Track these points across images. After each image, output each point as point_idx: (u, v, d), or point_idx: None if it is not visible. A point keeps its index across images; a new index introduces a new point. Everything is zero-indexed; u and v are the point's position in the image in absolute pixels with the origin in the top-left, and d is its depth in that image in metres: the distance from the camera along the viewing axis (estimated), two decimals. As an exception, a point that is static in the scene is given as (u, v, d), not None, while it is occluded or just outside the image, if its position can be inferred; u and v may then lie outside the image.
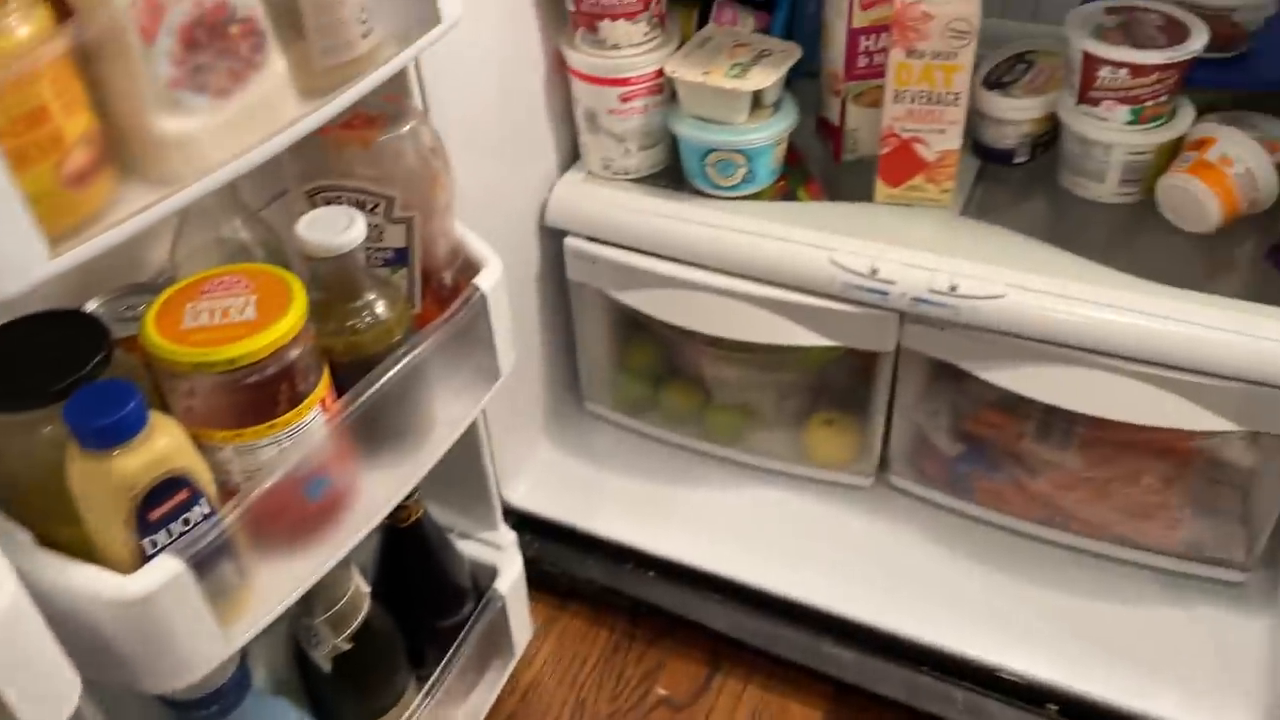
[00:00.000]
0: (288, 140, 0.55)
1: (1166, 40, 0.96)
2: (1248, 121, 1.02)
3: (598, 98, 1.07)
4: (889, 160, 1.04)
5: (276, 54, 0.53)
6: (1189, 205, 0.97)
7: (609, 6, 1.00)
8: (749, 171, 1.06)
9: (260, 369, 0.59)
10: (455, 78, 0.91)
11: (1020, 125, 1.06)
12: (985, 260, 0.97)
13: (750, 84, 1.01)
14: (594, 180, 1.13)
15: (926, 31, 0.95)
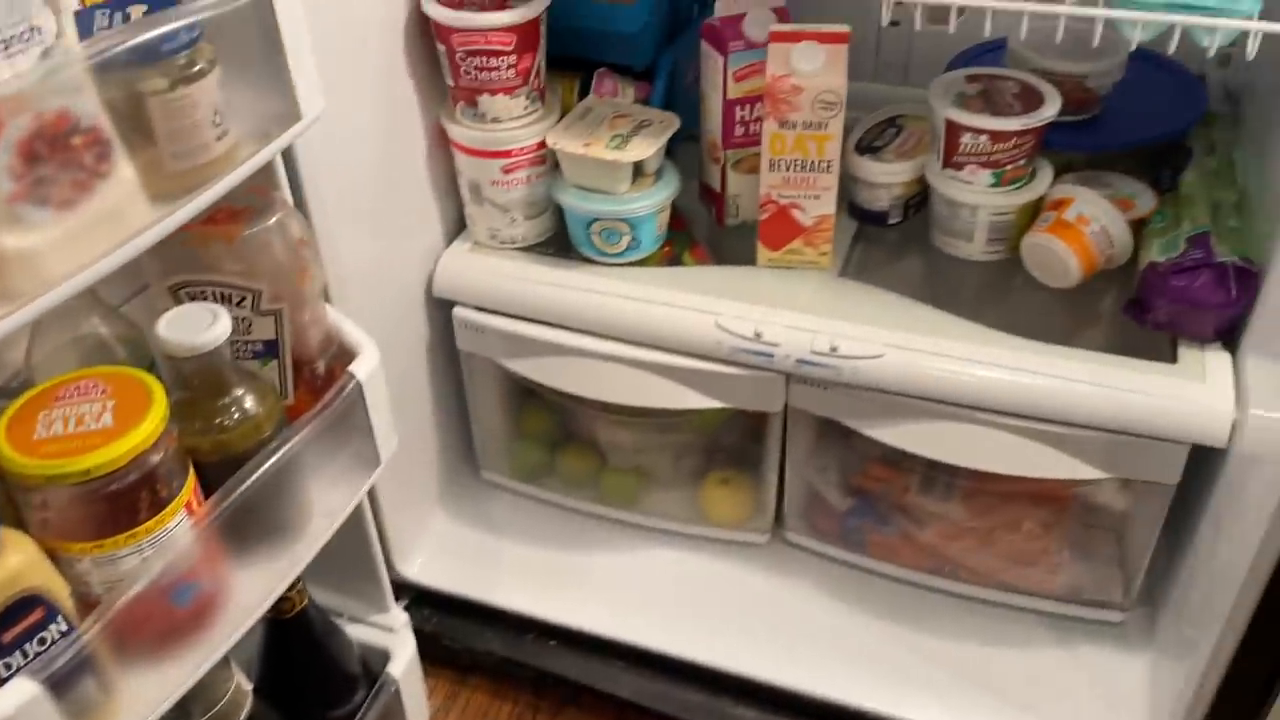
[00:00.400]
0: (139, 248, 0.54)
1: (1023, 107, 1.01)
2: (1102, 180, 1.07)
3: (480, 170, 1.07)
4: (768, 225, 1.07)
5: (124, 161, 0.52)
6: (1051, 262, 1.01)
7: (487, 82, 1.01)
8: (634, 239, 1.07)
9: (119, 478, 0.57)
10: (332, 155, 0.90)
11: (892, 188, 1.10)
12: (864, 321, 1.00)
13: (631, 155, 1.03)
14: (481, 250, 1.13)
15: (797, 104, 0.99)
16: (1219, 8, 0.80)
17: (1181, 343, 0.96)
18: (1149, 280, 0.95)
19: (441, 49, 1.01)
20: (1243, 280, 0.91)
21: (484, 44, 0.99)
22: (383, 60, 1.00)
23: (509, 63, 1.00)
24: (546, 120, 1.07)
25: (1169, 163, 1.09)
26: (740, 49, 1.03)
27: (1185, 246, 0.94)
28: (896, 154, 1.10)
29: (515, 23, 0.98)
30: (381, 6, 0.98)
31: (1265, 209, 0.98)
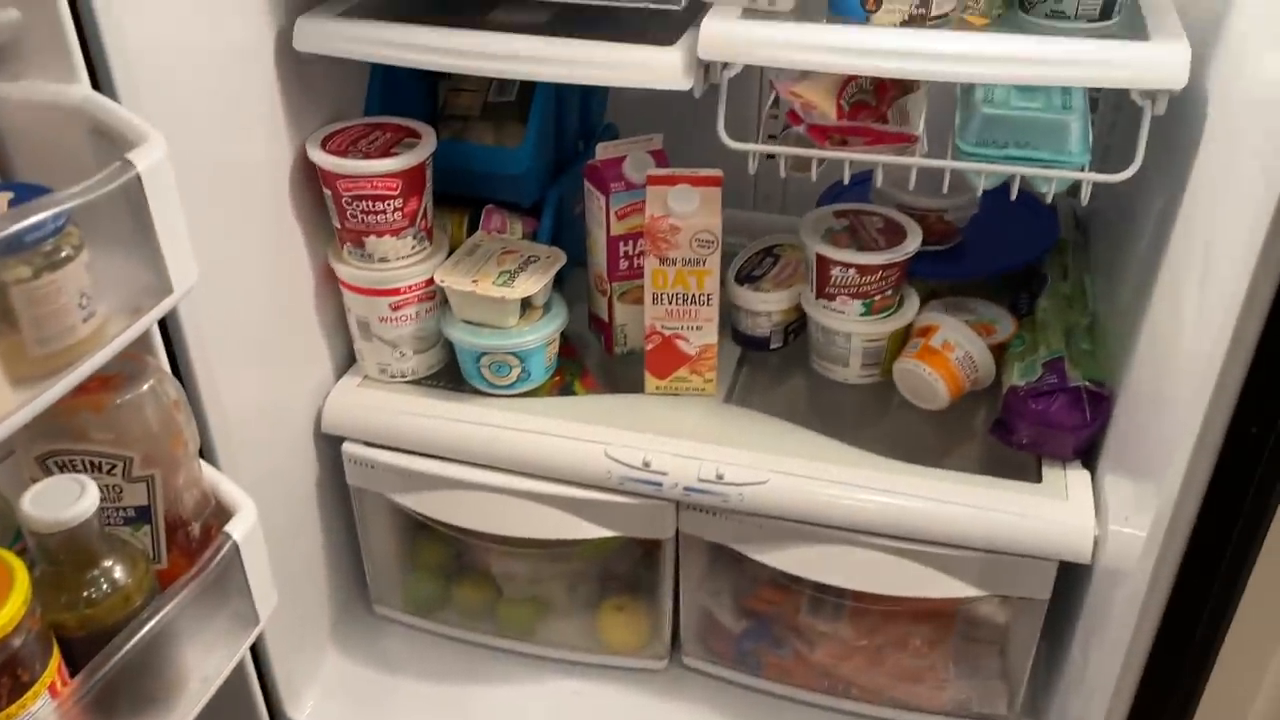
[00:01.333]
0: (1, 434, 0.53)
1: (887, 242, 1.07)
2: (965, 306, 1.14)
3: (369, 307, 1.08)
4: (655, 355, 1.10)
5: (-15, 347, 0.52)
6: (921, 387, 1.06)
7: (374, 224, 1.03)
8: (523, 371, 1.09)
9: (-24, 664, 0.56)
10: (216, 298, 0.90)
11: (772, 315, 1.15)
12: (749, 447, 1.03)
13: (518, 291, 1.05)
14: (370, 385, 1.13)
15: (676, 242, 1.03)
16: (1053, 159, 0.87)
17: (1045, 462, 1.01)
18: (1010, 403, 1.01)
19: (328, 193, 1.03)
20: (1095, 403, 0.97)
21: (370, 189, 1.01)
22: (270, 204, 1.01)
23: (395, 206, 1.02)
24: (435, 257, 1.09)
25: (1026, 288, 1.16)
26: (621, 189, 1.08)
27: (1042, 371, 1.00)
28: (774, 283, 1.15)
29: (401, 169, 1.01)
30: (267, 153, 0.99)
31: (1113, 332, 1.05)
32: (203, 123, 0.89)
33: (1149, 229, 0.95)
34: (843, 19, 0.86)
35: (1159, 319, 0.88)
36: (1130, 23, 0.84)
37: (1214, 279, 0.73)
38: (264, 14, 0.95)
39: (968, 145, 0.88)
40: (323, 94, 1.05)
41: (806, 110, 0.93)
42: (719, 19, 0.88)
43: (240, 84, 0.94)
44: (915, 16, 0.84)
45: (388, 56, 0.95)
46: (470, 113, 1.18)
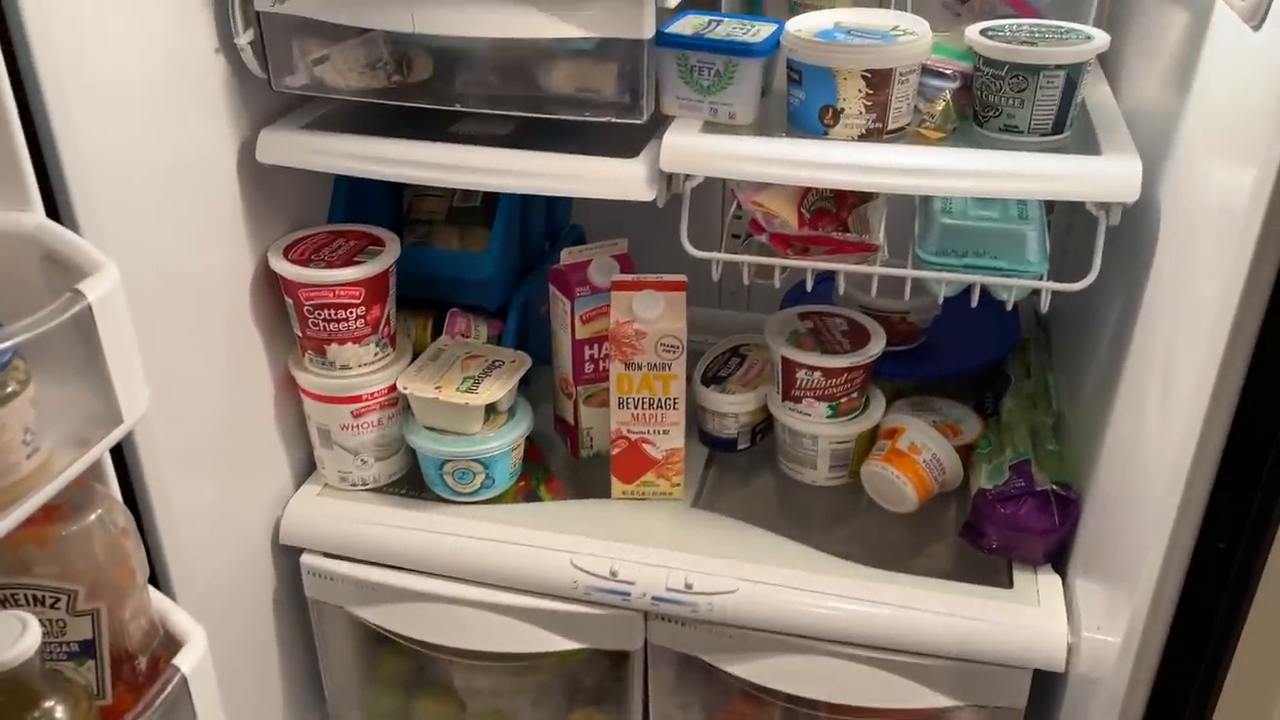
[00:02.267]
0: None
1: (851, 344, 1.08)
2: (931, 406, 1.14)
3: (330, 415, 1.07)
4: (621, 460, 1.09)
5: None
6: (889, 490, 1.06)
7: (336, 332, 1.02)
8: (487, 477, 1.08)
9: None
10: (172, 409, 0.89)
11: (739, 416, 1.14)
12: (717, 554, 1.02)
13: (482, 398, 1.04)
14: (331, 493, 1.11)
15: (641, 347, 1.02)
16: (1012, 269, 0.88)
17: (1015, 566, 1.00)
18: (979, 507, 1.00)
19: (289, 302, 1.02)
20: (1063, 506, 0.97)
21: (332, 298, 1.00)
22: (230, 313, 1.00)
23: (358, 314, 1.02)
24: (397, 364, 1.08)
25: (990, 387, 1.17)
26: (586, 294, 1.08)
27: (1009, 474, 1.00)
28: (741, 384, 1.15)
29: (363, 277, 1.00)
30: (228, 262, 0.99)
31: (1078, 431, 1.05)
32: (163, 235, 0.88)
33: (1109, 331, 0.96)
34: (801, 133, 0.88)
35: (1122, 424, 0.88)
36: (1082, 136, 0.86)
37: (1175, 390, 0.73)
38: (227, 126, 0.95)
39: (928, 254, 0.89)
40: (286, 202, 1.05)
41: (768, 219, 0.94)
42: (681, 132, 0.89)
43: (202, 195, 0.94)
44: (872, 130, 0.86)
45: (352, 169, 0.96)
46: (435, 218, 1.18)
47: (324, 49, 0.93)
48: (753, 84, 0.89)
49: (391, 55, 0.93)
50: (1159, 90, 0.87)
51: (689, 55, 0.89)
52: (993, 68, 0.83)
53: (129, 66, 0.83)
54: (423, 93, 0.94)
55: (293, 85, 0.96)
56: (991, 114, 0.85)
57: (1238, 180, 0.64)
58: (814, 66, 0.84)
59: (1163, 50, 0.87)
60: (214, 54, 0.93)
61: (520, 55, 0.91)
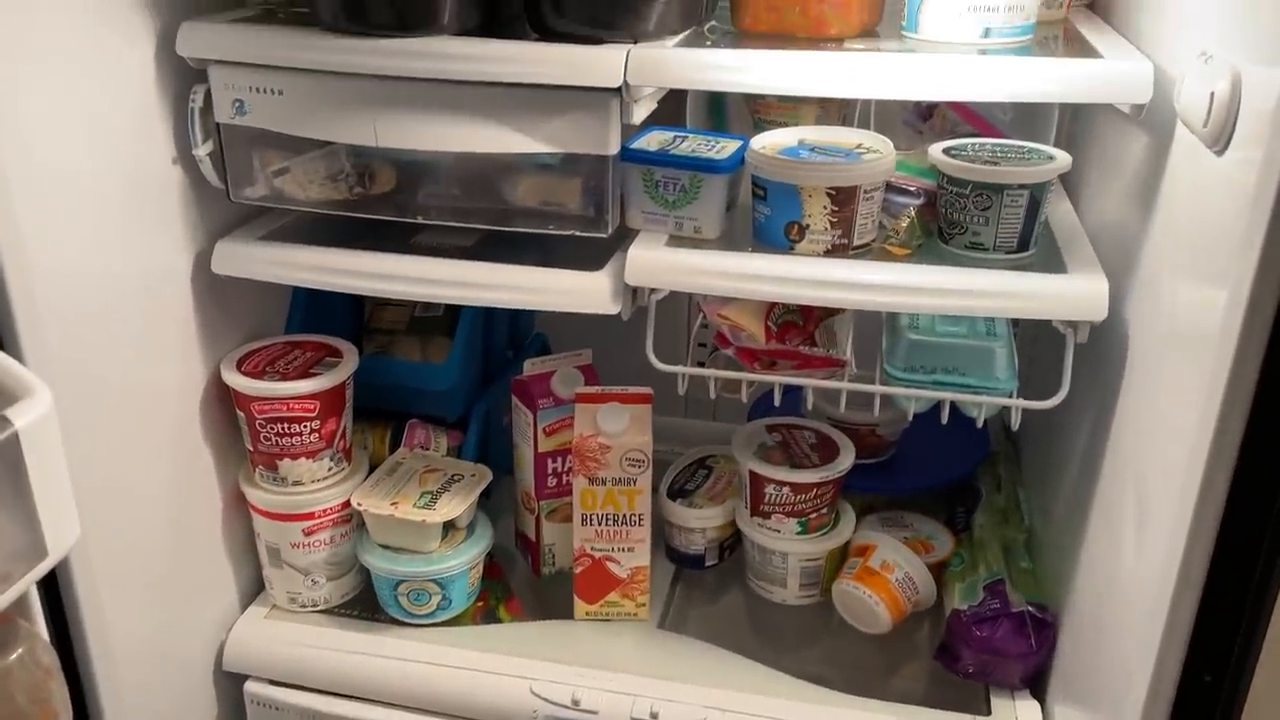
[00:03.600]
0: None
1: (820, 458, 1.06)
2: (902, 521, 1.11)
3: (280, 533, 1.02)
4: (584, 579, 1.05)
5: None
6: (862, 610, 1.02)
7: (289, 447, 0.98)
8: (444, 598, 1.03)
9: None
10: (111, 525, 0.85)
11: (707, 531, 1.11)
12: (685, 679, 0.97)
13: (440, 515, 1.00)
14: (279, 615, 1.06)
15: (605, 461, 1.00)
16: (981, 385, 0.87)
17: (992, 690, 0.96)
18: (954, 629, 0.97)
19: (241, 415, 0.99)
20: (1040, 628, 0.94)
21: (286, 411, 0.97)
22: (179, 427, 0.96)
23: (312, 427, 0.98)
24: (353, 478, 1.04)
25: (961, 501, 1.15)
26: (549, 406, 1.05)
27: (984, 594, 0.97)
28: (708, 497, 1.12)
29: (319, 390, 0.97)
30: (179, 374, 0.95)
31: (1051, 548, 1.03)
32: (112, 347, 0.86)
33: (1079, 448, 0.94)
34: (767, 248, 0.87)
35: (1096, 547, 0.86)
36: (1047, 253, 0.86)
37: (1152, 516, 0.71)
38: (182, 237, 0.94)
39: (896, 370, 0.88)
40: (241, 313, 1.02)
41: (735, 333, 0.92)
42: (646, 246, 0.88)
43: (154, 307, 0.91)
44: (838, 246, 0.85)
45: (310, 281, 0.94)
46: (396, 327, 1.16)
47: (285, 161, 0.92)
48: (718, 199, 0.89)
49: (354, 167, 0.92)
50: (1121, 209, 0.87)
51: (654, 170, 0.88)
52: (957, 186, 0.84)
53: (83, 176, 0.81)
54: (385, 205, 0.93)
55: (252, 196, 0.94)
56: (957, 231, 0.85)
57: (1208, 301, 0.63)
58: (779, 183, 0.84)
59: (1124, 170, 0.87)
60: (171, 165, 0.91)
61: (484, 168, 0.90)
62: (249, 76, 0.88)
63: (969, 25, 0.85)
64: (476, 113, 0.85)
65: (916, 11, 0.86)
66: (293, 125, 0.88)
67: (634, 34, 0.83)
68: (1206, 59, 0.65)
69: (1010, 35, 0.85)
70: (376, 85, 0.85)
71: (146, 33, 0.86)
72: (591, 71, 0.81)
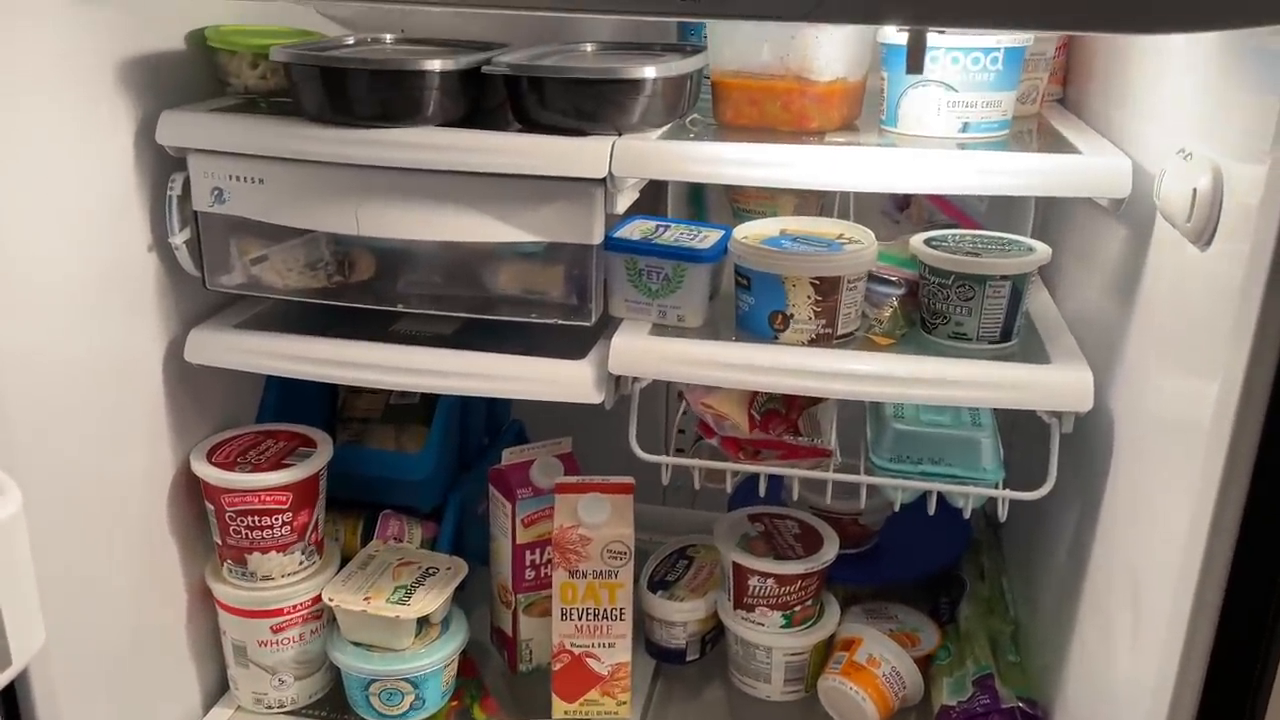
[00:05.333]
0: None
1: (804, 549, 1.04)
2: (886, 613, 1.09)
3: (247, 630, 0.98)
4: (563, 676, 1.01)
5: None
6: (848, 707, 1.00)
7: (259, 540, 0.95)
8: (417, 698, 0.99)
9: None
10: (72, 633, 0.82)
11: (688, 625, 1.08)
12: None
13: (414, 610, 0.97)
14: (244, 717, 1.01)
15: (586, 553, 0.97)
16: (967, 475, 0.86)
17: (987, 793, 0.94)
18: (944, 726, 0.95)
19: (210, 507, 0.96)
20: (1031, 725, 0.92)
21: (257, 503, 0.94)
22: (144, 519, 0.93)
23: (284, 520, 0.95)
24: (324, 572, 1.01)
25: (945, 591, 1.13)
26: (528, 496, 1.03)
27: (973, 690, 0.95)
28: (689, 589, 1.10)
29: (291, 481, 0.95)
30: (147, 465, 0.92)
31: (1039, 641, 1.01)
32: (77, 437, 0.83)
33: (1066, 539, 0.93)
34: (751, 336, 0.87)
35: (1087, 641, 0.84)
36: (1029, 343, 0.86)
37: (1146, 614, 0.70)
38: (155, 325, 0.92)
39: (882, 460, 0.87)
40: (213, 401, 1.00)
41: (719, 421, 0.91)
42: (630, 334, 0.87)
43: (123, 395, 0.89)
44: (822, 336, 0.85)
45: (285, 370, 0.92)
46: (371, 415, 1.14)
47: (263, 249, 0.91)
48: (701, 288, 0.88)
49: (333, 255, 0.91)
50: (1101, 299, 0.88)
51: (638, 259, 0.88)
52: (939, 277, 0.84)
53: (56, 262, 0.79)
54: (364, 293, 0.92)
55: (228, 285, 0.93)
56: (940, 321, 0.85)
57: (1198, 393, 0.63)
58: (763, 273, 0.84)
59: (1103, 261, 0.88)
60: (147, 252, 0.90)
61: (466, 256, 0.90)
62: (229, 165, 0.87)
63: (947, 120, 0.86)
64: (461, 202, 0.85)
65: (895, 106, 0.88)
66: (273, 214, 0.88)
67: (618, 127, 0.83)
68: (1186, 155, 0.66)
69: (988, 130, 0.87)
70: (359, 174, 0.85)
71: (127, 120, 0.85)
72: (577, 162, 0.81)
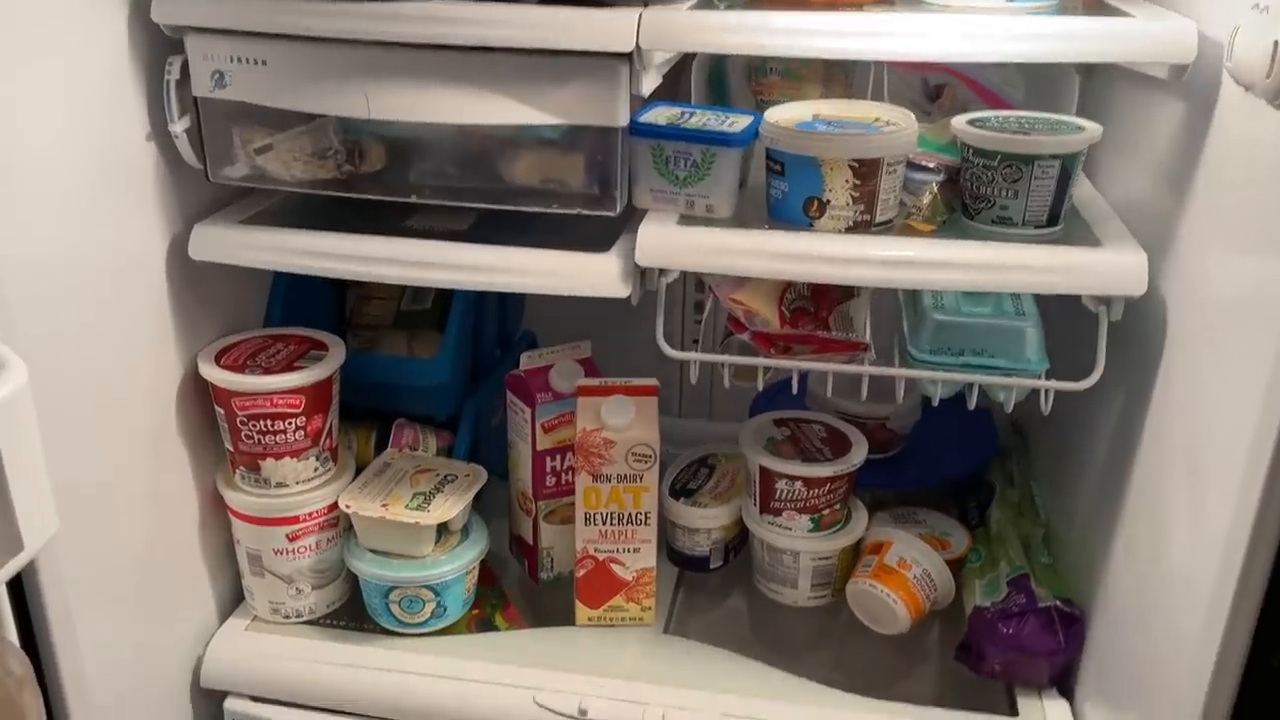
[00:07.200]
0: None
1: (832, 452, 1.01)
2: (915, 518, 1.07)
3: (262, 538, 0.96)
4: (587, 582, 0.99)
5: None
6: (879, 610, 0.98)
7: (272, 446, 0.92)
8: (439, 605, 0.97)
9: None
10: (82, 531, 0.79)
11: (712, 532, 1.06)
12: (696, 685, 0.92)
13: (434, 516, 0.94)
14: (261, 627, 0.99)
15: (610, 457, 0.94)
16: (1011, 367, 0.83)
17: (1017, 691, 0.92)
18: (977, 626, 0.93)
19: (220, 412, 0.92)
20: (1068, 624, 0.90)
21: (269, 407, 0.90)
22: (153, 425, 0.90)
23: (297, 425, 0.92)
24: (339, 480, 0.98)
25: (974, 497, 1.11)
26: (548, 401, 1.00)
27: (1008, 590, 0.93)
28: (712, 496, 1.07)
29: (305, 384, 0.91)
30: (153, 368, 0.89)
31: (1073, 543, 0.99)
32: (81, 338, 0.79)
33: (1106, 435, 0.91)
34: (785, 225, 0.83)
35: (1136, 534, 0.82)
36: (1074, 229, 0.82)
37: (1209, 497, 0.67)
38: (157, 221, 0.87)
39: (921, 353, 0.84)
40: (219, 305, 0.96)
41: (749, 317, 0.88)
42: (657, 225, 0.83)
43: (127, 295, 0.85)
44: (860, 223, 0.81)
45: (296, 265, 0.87)
46: (381, 322, 1.10)
47: (267, 137, 0.86)
48: (731, 175, 0.84)
49: (342, 144, 0.86)
50: (1149, 184, 0.84)
51: (664, 145, 0.84)
52: (984, 158, 0.80)
53: (50, 155, 0.75)
54: (375, 184, 0.87)
55: (232, 176, 0.88)
56: (983, 206, 0.81)
57: (1268, 270, 0.60)
58: (799, 156, 0.80)
59: (1153, 144, 0.84)
60: (145, 142, 0.85)
61: (482, 144, 0.85)
62: (230, 46, 0.82)
63: (990, -7, 0.81)
64: (477, 82, 0.80)
65: (937, -22, 0.83)
66: (278, 98, 0.83)
67: (643, -1, 0.78)
68: (1262, 9, 0.62)
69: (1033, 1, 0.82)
70: (368, 53, 0.80)
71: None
72: (601, 35, 0.76)
